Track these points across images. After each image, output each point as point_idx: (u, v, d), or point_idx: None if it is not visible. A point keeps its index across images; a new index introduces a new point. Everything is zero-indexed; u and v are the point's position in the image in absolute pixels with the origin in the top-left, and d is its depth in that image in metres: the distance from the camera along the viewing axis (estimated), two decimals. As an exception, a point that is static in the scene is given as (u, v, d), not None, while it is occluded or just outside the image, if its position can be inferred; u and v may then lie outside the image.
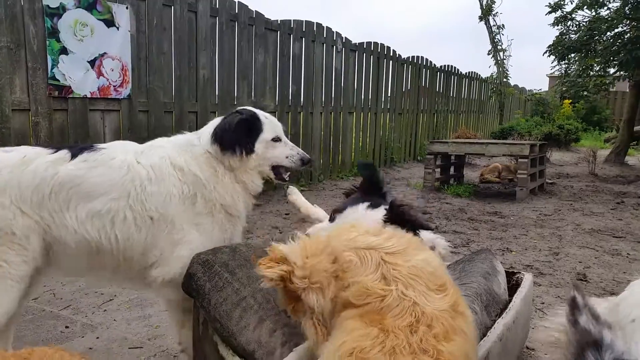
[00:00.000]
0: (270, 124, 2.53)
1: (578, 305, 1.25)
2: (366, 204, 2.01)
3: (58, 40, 4.91)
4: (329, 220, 2.15)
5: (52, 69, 4.89)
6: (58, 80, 4.95)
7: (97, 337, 2.98)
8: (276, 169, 2.56)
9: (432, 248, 1.83)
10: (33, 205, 2.10)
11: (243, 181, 2.45)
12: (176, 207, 2.28)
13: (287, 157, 2.54)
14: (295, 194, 2.58)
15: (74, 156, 2.19)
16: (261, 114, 2.55)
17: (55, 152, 2.19)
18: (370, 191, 2.11)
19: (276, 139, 2.53)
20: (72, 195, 2.15)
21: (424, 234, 1.90)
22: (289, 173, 2.61)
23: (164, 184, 2.27)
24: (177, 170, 2.32)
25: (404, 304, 1.41)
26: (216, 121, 2.51)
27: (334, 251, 1.54)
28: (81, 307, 3.41)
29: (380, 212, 1.95)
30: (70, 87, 5.05)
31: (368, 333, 1.35)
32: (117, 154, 2.28)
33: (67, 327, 3.11)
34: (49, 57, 4.86)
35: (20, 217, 2.08)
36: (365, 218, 1.94)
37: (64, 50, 4.96)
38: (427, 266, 1.51)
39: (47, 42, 4.83)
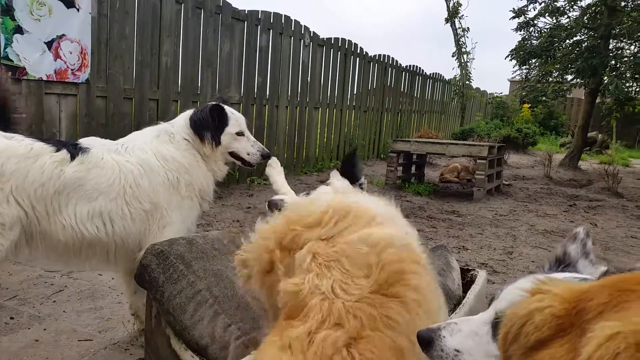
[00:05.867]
0: (235, 119, 2.76)
1: (576, 237, 1.29)
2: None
3: (13, 19, 4.68)
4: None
5: (5, 48, 4.66)
6: (12, 61, 4.72)
7: (45, 329, 2.86)
8: (239, 157, 2.80)
9: None
10: (32, 199, 2.14)
11: (212, 169, 2.70)
12: (164, 195, 2.48)
13: (248, 154, 2.79)
14: (273, 167, 2.44)
15: (72, 157, 2.27)
16: (228, 109, 2.76)
17: (57, 150, 2.25)
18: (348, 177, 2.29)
19: (240, 134, 2.77)
20: (72, 195, 2.24)
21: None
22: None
23: (153, 176, 2.46)
24: (161, 160, 2.51)
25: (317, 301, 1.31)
26: (188, 112, 2.73)
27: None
28: (29, 298, 3.28)
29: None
30: (24, 68, 4.83)
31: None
32: (104, 153, 2.39)
33: (12, 318, 2.98)
34: (2, 35, 4.62)
35: (15, 207, 2.10)
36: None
37: (18, 30, 4.74)
38: (360, 244, 1.38)
39: (1, 19, 4.60)
